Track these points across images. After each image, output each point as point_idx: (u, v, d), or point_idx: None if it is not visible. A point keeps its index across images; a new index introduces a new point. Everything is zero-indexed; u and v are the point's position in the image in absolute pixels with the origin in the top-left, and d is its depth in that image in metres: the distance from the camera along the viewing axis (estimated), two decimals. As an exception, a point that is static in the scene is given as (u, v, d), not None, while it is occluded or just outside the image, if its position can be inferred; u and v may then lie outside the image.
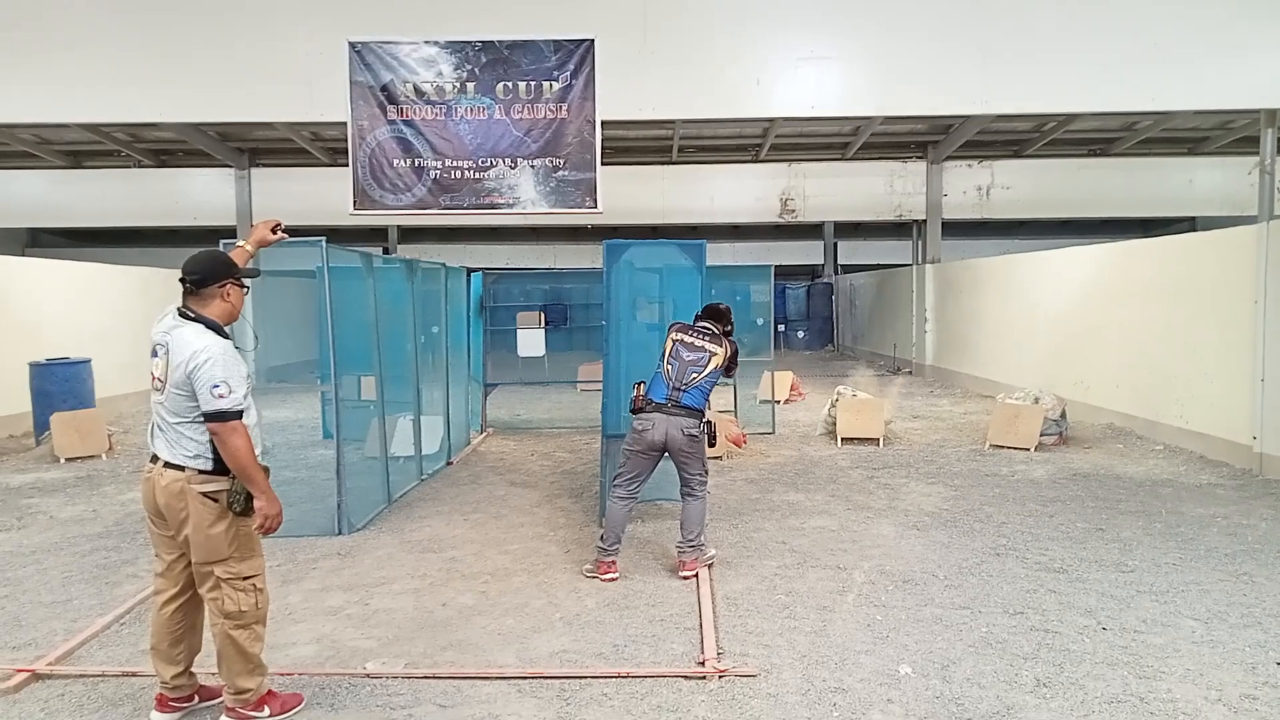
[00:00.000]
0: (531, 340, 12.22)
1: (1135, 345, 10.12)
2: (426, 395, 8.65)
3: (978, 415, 11.74)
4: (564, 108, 8.29)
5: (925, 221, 17.86)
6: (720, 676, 4.02)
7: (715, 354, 5.48)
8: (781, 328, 24.33)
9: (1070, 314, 11.67)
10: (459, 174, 8.32)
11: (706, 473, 5.62)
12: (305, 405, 12.70)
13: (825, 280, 26.46)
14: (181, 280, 3.56)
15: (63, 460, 9.27)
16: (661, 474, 6.12)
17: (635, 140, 17.01)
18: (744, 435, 9.58)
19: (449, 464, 8.99)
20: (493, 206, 8.40)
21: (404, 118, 8.31)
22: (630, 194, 17.32)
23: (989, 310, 14.49)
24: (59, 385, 10.19)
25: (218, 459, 3.46)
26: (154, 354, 3.51)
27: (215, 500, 3.45)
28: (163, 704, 3.65)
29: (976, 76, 10.14)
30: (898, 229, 22.21)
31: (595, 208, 8.44)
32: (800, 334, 25.36)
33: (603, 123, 8.62)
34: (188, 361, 3.39)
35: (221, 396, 3.37)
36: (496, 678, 4.04)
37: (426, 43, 8.20)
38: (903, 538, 6.26)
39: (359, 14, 8.77)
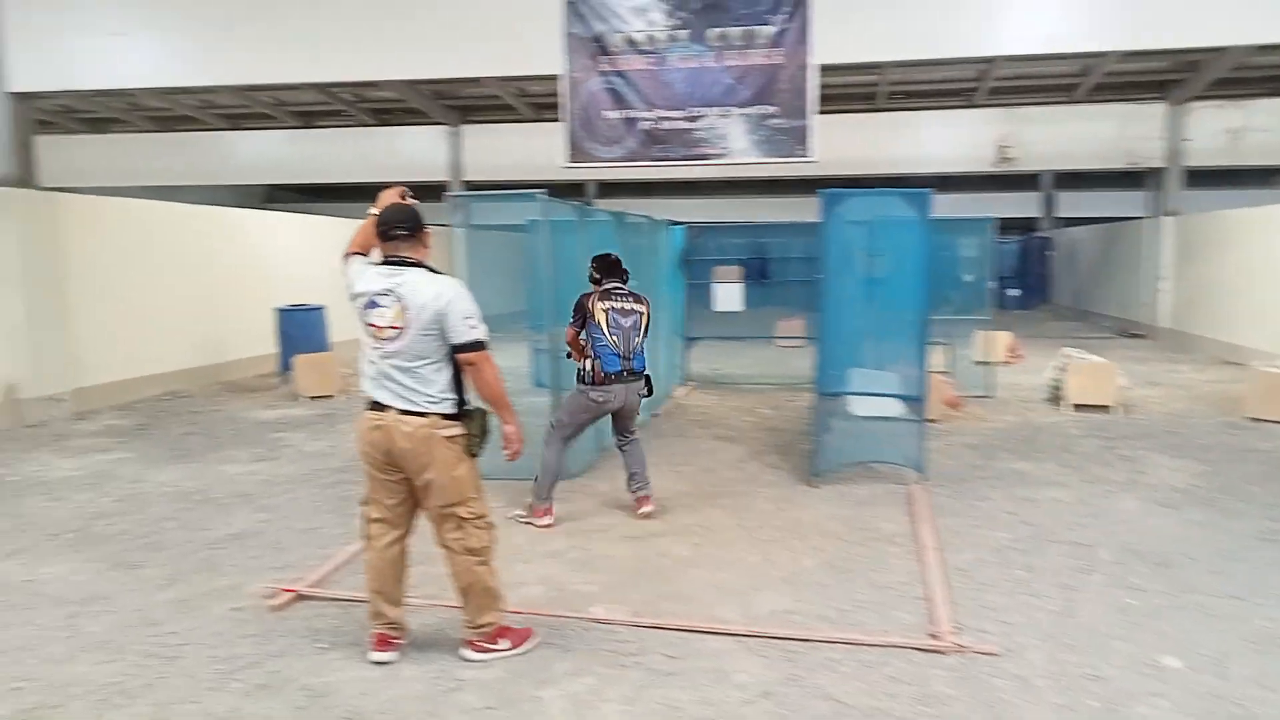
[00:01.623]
0: (730, 295, 12.07)
1: None
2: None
3: (1226, 384, 10.59)
4: (778, 53, 8.00)
5: (1163, 170, 16.19)
6: (959, 652, 3.80)
7: (643, 311, 5.62)
8: (992, 284, 22.87)
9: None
10: (670, 124, 8.24)
11: (634, 422, 5.84)
12: (514, 354, 13.17)
13: (1042, 234, 24.68)
14: (393, 229, 3.60)
15: (304, 398, 10.07)
16: (882, 438, 5.86)
17: (838, 87, 16.30)
18: (960, 398, 9.08)
19: (654, 416, 9.05)
20: (703, 157, 8.28)
21: (616, 69, 8.29)
22: (831, 143, 16.62)
23: (1240, 268, 12.98)
24: (299, 329, 11.05)
25: (458, 403, 3.58)
26: (372, 304, 3.53)
27: (456, 443, 3.57)
28: (385, 643, 3.75)
29: (1232, 2, 8.97)
30: (1126, 178, 20.28)
31: (807, 156, 8.15)
32: (1013, 292, 23.79)
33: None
34: (433, 300, 3.47)
35: (474, 327, 3.52)
36: (722, 633, 4.00)
37: (640, -10, 8.12)
38: (1150, 515, 5.71)
39: (573, -35, 8.77)
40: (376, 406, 3.58)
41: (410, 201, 3.91)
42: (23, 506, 6.04)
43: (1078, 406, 9.03)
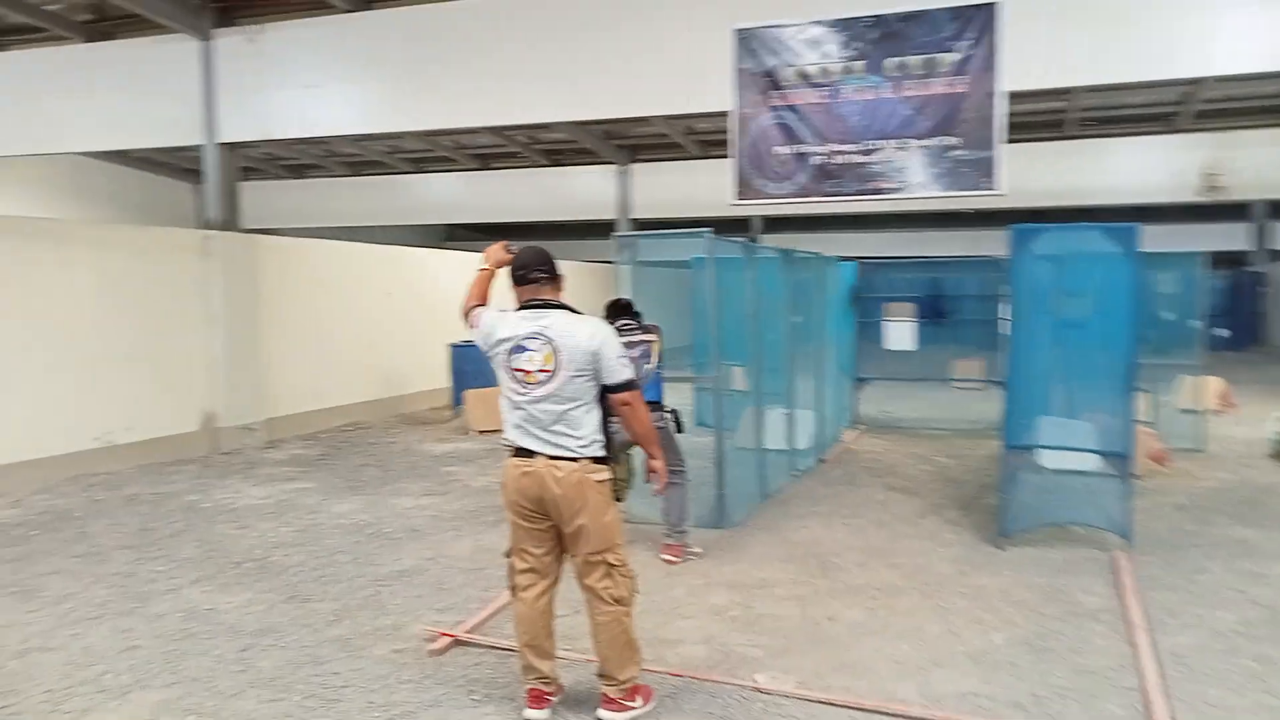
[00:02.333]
0: (901, 333, 11.53)
1: None
2: (799, 388, 8.39)
3: None
4: (961, 81, 7.54)
5: (1407, 196, 14.35)
6: (1185, 759, 3.28)
7: (651, 340, 5.59)
8: (1198, 324, 20.94)
9: None
10: (843, 159, 7.92)
11: (680, 458, 5.72)
12: (675, 392, 13.05)
13: (1252, 268, 22.45)
14: (533, 271, 3.57)
15: (474, 432, 10.29)
16: (1080, 496, 5.30)
17: (1021, 114, 15.38)
18: (1166, 451, 8.20)
19: (821, 462, 8.67)
20: (877, 192, 7.88)
21: (787, 103, 8.06)
22: (1011, 174, 15.74)
23: None
24: (470, 364, 11.32)
25: (605, 445, 3.50)
26: (520, 349, 3.45)
27: (605, 487, 3.49)
28: (540, 700, 3.62)
29: None
30: (1359, 206, 18.19)
31: (994, 189, 7.62)
32: (1221, 332, 21.67)
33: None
34: (588, 340, 3.41)
35: (626, 366, 3.49)
36: (900, 716, 3.63)
37: (813, 23, 7.87)
38: None
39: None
40: (523, 453, 3.51)
41: (510, 255, 3.79)
42: (212, 533, 6.37)
43: (1310, 466, 7.99)
